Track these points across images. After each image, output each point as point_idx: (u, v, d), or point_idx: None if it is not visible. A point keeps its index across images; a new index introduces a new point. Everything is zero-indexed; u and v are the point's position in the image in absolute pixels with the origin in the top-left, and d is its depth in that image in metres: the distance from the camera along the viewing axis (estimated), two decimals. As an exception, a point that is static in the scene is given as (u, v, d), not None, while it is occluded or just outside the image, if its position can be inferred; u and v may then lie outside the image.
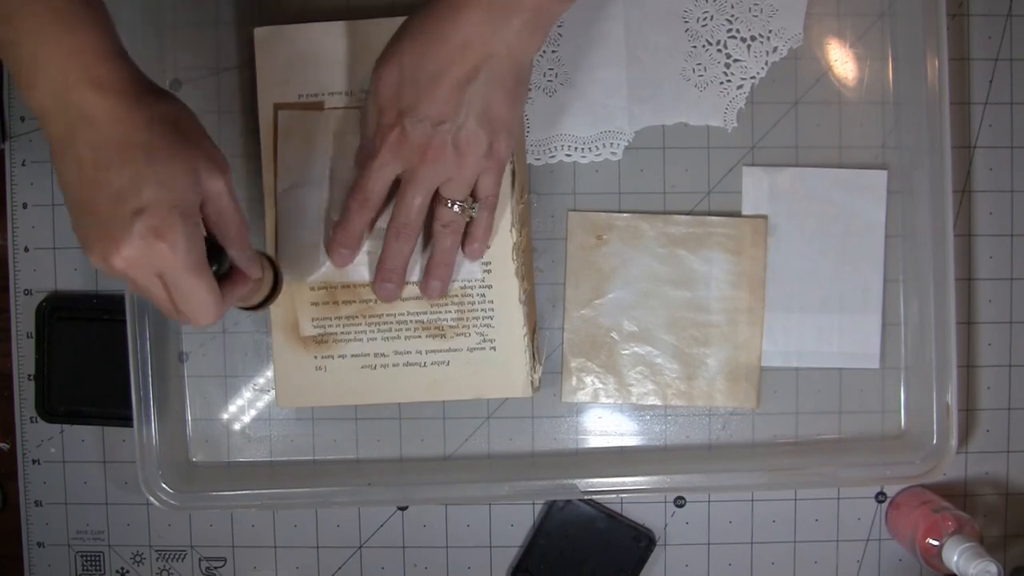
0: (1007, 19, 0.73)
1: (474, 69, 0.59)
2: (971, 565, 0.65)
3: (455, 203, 0.64)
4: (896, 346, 0.74)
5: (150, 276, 0.53)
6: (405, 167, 0.63)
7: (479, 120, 0.60)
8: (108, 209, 0.52)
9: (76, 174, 0.52)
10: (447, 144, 0.61)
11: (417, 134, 0.61)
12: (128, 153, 0.51)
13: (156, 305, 0.56)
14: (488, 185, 0.64)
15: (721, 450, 0.74)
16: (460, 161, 0.62)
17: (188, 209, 0.53)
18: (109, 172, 0.51)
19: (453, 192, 0.64)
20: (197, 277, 0.54)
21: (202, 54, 0.73)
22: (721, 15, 0.72)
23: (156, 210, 0.52)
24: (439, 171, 0.62)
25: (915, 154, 0.71)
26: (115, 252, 0.52)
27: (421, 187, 0.63)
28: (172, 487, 0.71)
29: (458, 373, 0.70)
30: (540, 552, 0.75)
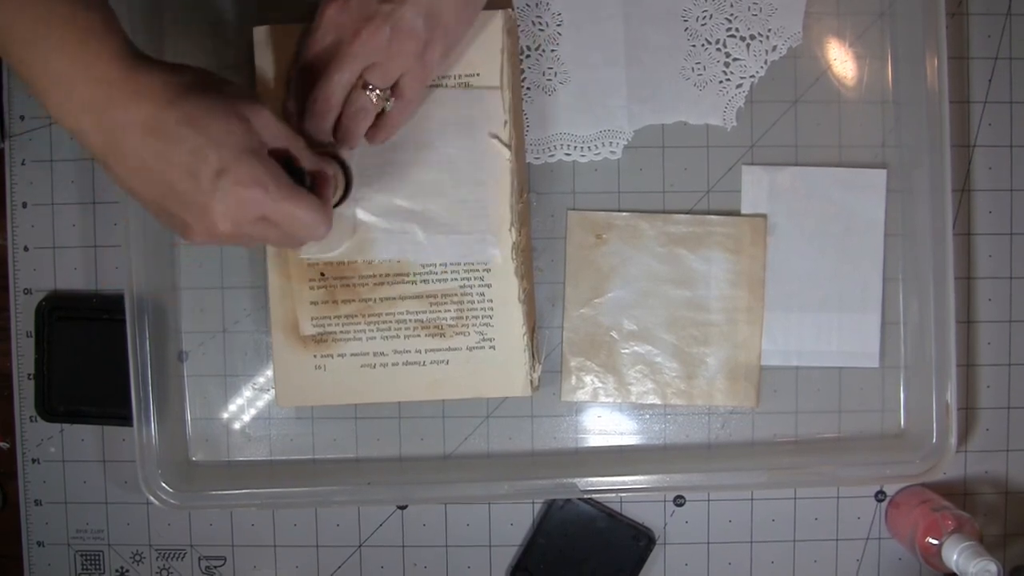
0: (1006, 18, 0.73)
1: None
2: (971, 564, 0.64)
3: (374, 90, 0.63)
4: (896, 345, 0.74)
5: (256, 223, 0.56)
6: (339, 40, 0.61)
7: (423, 14, 0.60)
8: (187, 187, 0.53)
9: (138, 172, 0.53)
10: (384, 26, 0.60)
11: (359, 6, 0.60)
12: (176, 132, 0.53)
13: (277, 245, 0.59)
14: (410, 85, 0.64)
15: (721, 449, 0.74)
16: (390, 48, 0.61)
17: (255, 147, 0.55)
18: (168, 156, 0.53)
19: (375, 79, 0.62)
20: (297, 200, 0.56)
21: (202, 54, 0.73)
22: (720, 14, 0.72)
23: (230, 164, 0.53)
24: (368, 51, 0.61)
25: (914, 153, 0.71)
26: (216, 219, 0.54)
27: (347, 65, 0.61)
28: (172, 486, 0.71)
29: (457, 372, 0.70)
30: (539, 551, 0.75)
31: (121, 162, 0.53)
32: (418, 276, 0.70)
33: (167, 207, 0.55)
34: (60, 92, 0.52)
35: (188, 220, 0.55)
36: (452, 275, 0.69)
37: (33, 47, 0.51)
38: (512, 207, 0.69)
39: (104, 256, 0.75)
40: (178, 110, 0.53)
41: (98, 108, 0.52)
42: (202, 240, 0.56)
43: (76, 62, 0.52)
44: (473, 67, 0.68)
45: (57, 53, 0.52)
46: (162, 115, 0.53)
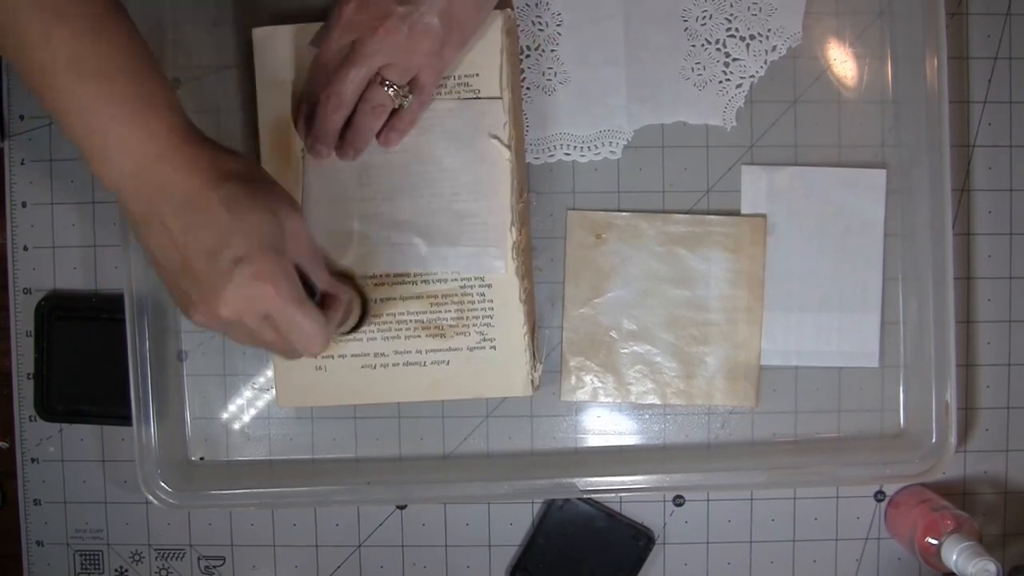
0: (1006, 18, 0.74)
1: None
2: (970, 564, 0.65)
3: (391, 86, 0.64)
4: (895, 345, 0.74)
5: (258, 319, 0.56)
6: (356, 37, 0.62)
7: (440, 13, 0.61)
8: (204, 267, 0.54)
9: (165, 242, 0.54)
10: (402, 25, 0.61)
11: (376, 6, 0.61)
12: (212, 212, 0.53)
13: (267, 347, 0.59)
14: (427, 80, 0.65)
15: (720, 449, 0.74)
16: (409, 46, 0.62)
17: (280, 248, 0.55)
18: (198, 233, 0.53)
19: (392, 75, 0.63)
20: (302, 310, 0.56)
21: (202, 53, 0.73)
22: (720, 14, 0.72)
23: (252, 256, 0.54)
24: (385, 50, 0.62)
25: (914, 153, 0.71)
26: (221, 304, 0.54)
27: (364, 62, 0.62)
28: (171, 486, 0.71)
29: (458, 372, 0.70)
30: (539, 551, 0.75)
31: (151, 229, 0.54)
32: (418, 277, 0.70)
33: (180, 281, 0.55)
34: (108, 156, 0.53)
35: (195, 298, 0.55)
36: (452, 276, 0.69)
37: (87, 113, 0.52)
38: (512, 207, 0.69)
39: (104, 256, 0.75)
40: (220, 192, 0.54)
41: (143, 176, 0.53)
42: (201, 320, 0.55)
43: (129, 132, 0.53)
44: (473, 67, 0.68)
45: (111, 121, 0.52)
46: (204, 192, 0.53)
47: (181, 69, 0.73)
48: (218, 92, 0.73)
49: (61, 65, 0.51)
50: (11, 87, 0.74)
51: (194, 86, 0.73)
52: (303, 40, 0.69)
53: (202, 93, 0.73)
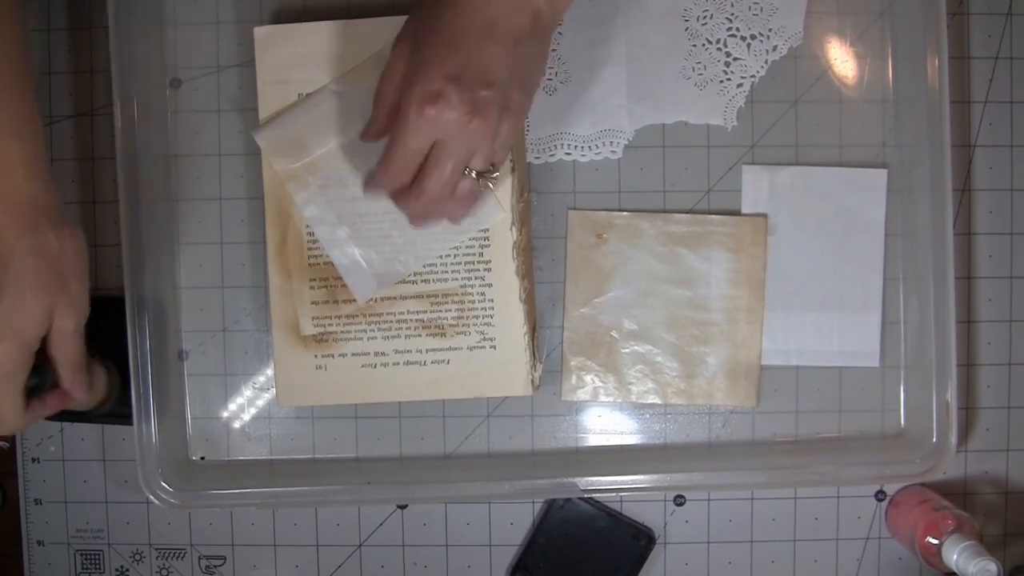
0: (1007, 18, 0.73)
1: (525, 22, 0.53)
2: (971, 564, 0.64)
3: (478, 174, 0.58)
4: (896, 344, 0.74)
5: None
6: (441, 137, 0.56)
7: (522, 85, 0.55)
8: None
9: None
10: (493, 111, 0.54)
11: (463, 100, 0.54)
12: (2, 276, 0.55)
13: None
14: (503, 153, 0.59)
15: (721, 449, 0.74)
16: (497, 126, 0.55)
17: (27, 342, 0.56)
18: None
19: (478, 163, 0.57)
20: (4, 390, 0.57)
21: (202, 53, 0.73)
22: (721, 14, 0.72)
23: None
24: (477, 141, 0.56)
25: (915, 153, 0.71)
26: None
27: (455, 157, 0.56)
28: (172, 485, 0.71)
29: (458, 372, 0.70)
30: (540, 551, 0.75)
31: None
32: (419, 276, 0.70)
33: None
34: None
35: None
36: (453, 274, 0.69)
37: None
38: (513, 207, 0.69)
39: (104, 256, 0.75)
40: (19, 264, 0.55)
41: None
42: None
43: None
44: (474, 66, 0.68)
45: None
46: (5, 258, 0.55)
47: (181, 69, 0.73)
48: (218, 92, 0.73)
49: None
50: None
51: (194, 86, 0.73)
52: (304, 40, 0.69)
53: (202, 93, 0.73)
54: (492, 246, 0.69)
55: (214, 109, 0.73)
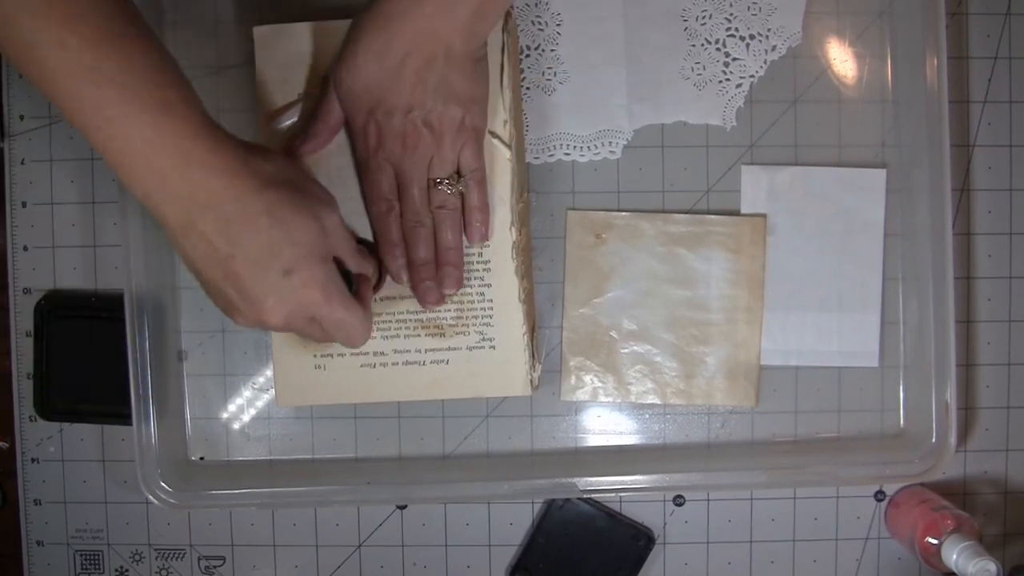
0: (1006, 18, 0.74)
1: (431, 56, 0.59)
2: (970, 564, 0.64)
3: (442, 181, 0.64)
4: (895, 345, 0.74)
5: (306, 322, 0.58)
6: (394, 162, 0.63)
7: (445, 99, 0.61)
8: (251, 276, 0.55)
9: (206, 252, 0.54)
10: (420, 127, 0.61)
11: (391, 127, 0.62)
12: (255, 222, 0.54)
13: (309, 339, 0.61)
14: (469, 157, 0.65)
15: (720, 449, 0.74)
16: (437, 139, 0.62)
17: (324, 253, 0.58)
18: (242, 244, 0.54)
19: (438, 171, 0.64)
20: (348, 309, 0.59)
21: (202, 53, 0.73)
22: (720, 14, 0.72)
23: (300, 265, 0.56)
24: (422, 155, 0.63)
25: (914, 152, 0.71)
26: (269, 313, 0.56)
27: (413, 176, 0.63)
28: (171, 486, 0.71)
29: (457, 372, 0.70)
30: (539, 551, 0.75)
31: (188, 240, 0.54)
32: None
33: (224, 289, 0.56)
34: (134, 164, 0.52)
35: (242, 307, 0.56)
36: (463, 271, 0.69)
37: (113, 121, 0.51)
38: (512, 207, 0.69)
39: (104, 256, 0.75)
40: (261, 200, 0.54)
41: (173, 184, 0.52)
42: (247, 325, 0.58)
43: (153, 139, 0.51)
44: (473, 66, 0.68)
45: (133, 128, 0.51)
46: (245, 201, 0.54)
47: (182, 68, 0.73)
48: (218, 92, 0.73)
49: (77, 72, 0.50)
50: (11, 87, 0.74)
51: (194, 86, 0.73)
52: (304, 39, 0.69)
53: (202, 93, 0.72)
54: (491, 246, 0.69)
55: (214, 109, 0.73)
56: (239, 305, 0.56)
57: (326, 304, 0.57)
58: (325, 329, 0.60)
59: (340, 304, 0.58)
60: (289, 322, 0.57)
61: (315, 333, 0.60)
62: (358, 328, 0.61)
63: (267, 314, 0.56)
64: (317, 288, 0.57)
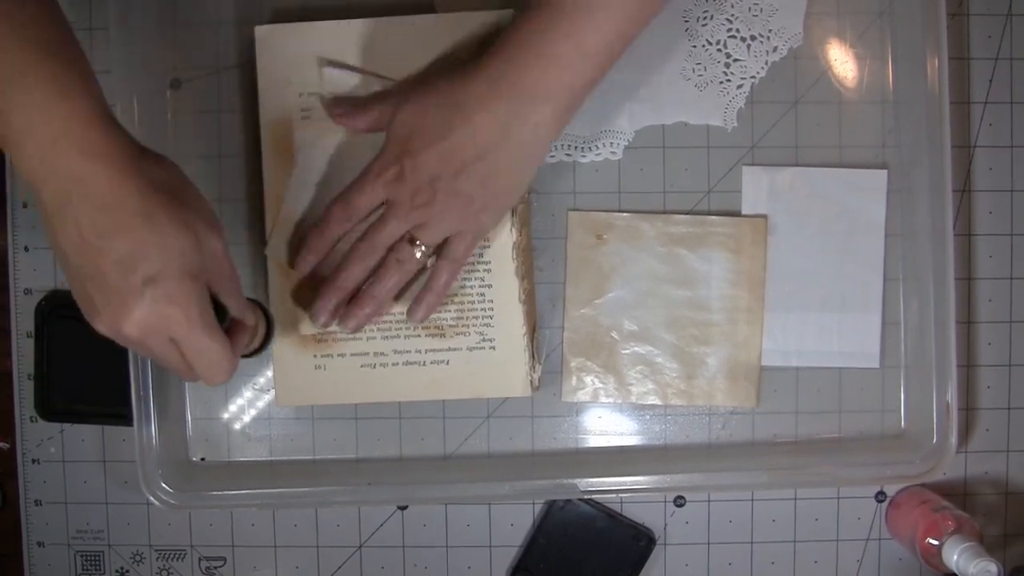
0: (1007, 18, 0.74)
1: (482, 152, 0.60)
2: (971, 564, 0.64)
3: (419, 247, 0.64)
4: (896, 345, 0.74)
5: (163, 342, 0.54)
6: (392, 198, 0.63)
7: (474, 187, 0.61)
8: (114, 277, 0.52)
9: (75, 240, 0.51)
10: (437, 194, 0.61)
11: (412, 177, 0.61)
12: (129, 221, 0.51)
13: (168, 368, 0.57)
14: (458, 248, 0.65)
15: (721, 449, 0.74)
16: (443, 212, 0.62)
17: (195, 272, 0.54)
18: (111, 239, 0.51)
19: (424, 236, 0.64)
20: (210, 337, 0.55)
21: (202, 54, 0.73)
22: (721, 15, 0.72)
23: (167, 276, 0.52)
24: (421, 214, 0.63)
25: (915, 153, 0.71)
26: (127, 320, 0.52)
27: (400, 221, 0.63)
28: (172, 486, 0.71)
29: (458, 372, 0.70)
30: (540, 551, 0.75)
31: (62, 222, 0.51)
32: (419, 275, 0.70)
33: (86, 284, 0.53)
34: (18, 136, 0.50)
35: (99, 307, 0.53)
36: None
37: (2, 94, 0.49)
38: (512, 208, 0.69)
39: (104, 256, 0.75)
40: (141, 201, 0.51)
41: (54, 164, 0.50)
42: (104, 331, 0.54)
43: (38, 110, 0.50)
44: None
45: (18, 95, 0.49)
46: (122, 197, 0.51)
47: (181, 69, 0.73)
48: (218, 92, 0.73)
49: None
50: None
51: (194, 86, 0.73)
52: (305, 39, 0.69)
53: (202, 93, 0.73)
54: (492, 247, 0.69)
55: (214, 110, 0.73)
56: (98, 304, 0.53)
57: (186, 324, 0.53)
58: (184, 354, 0.55)
59: (203, 330, 0.54)
60: (145, 337, 0.53)
61: (172, 357, 0.55)
62: (219, 362, 0.56)
63: (124, 321, 0.52)
64: (179, 306, 0.53)
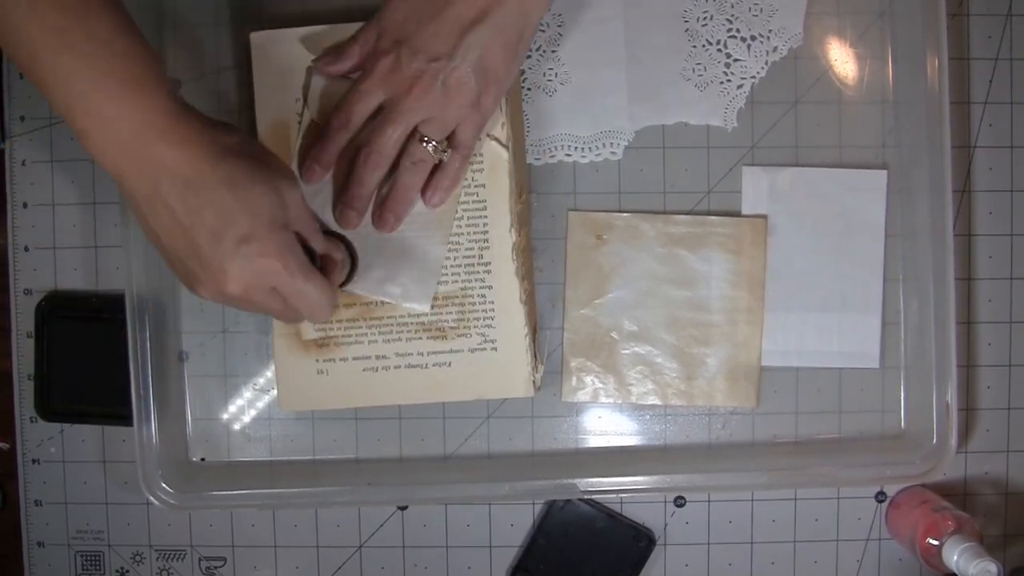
0: (1007, 19, 0.73)
1: (481, 13, 0.60)
2: (971, 565, 0.65)
3: (430, 142, 0.64)
4: (896, 345, 0.74)
5: (265, 293, 0.58)
6: (391, 96, 0.63)
7: (473, 67, 0.61)
8: (209, 246, 0.55)
9: (168, 222, 0.55)
10: (437, 81, 0.61)
11: (410, 65, 0.61)
12: (214, 192, 0.54)
13: (276, 317, 0.61)
14: (466, 134, 0.65)
15: (721, 450, 0.74)
16: (445, 102, 0.62)
17: (283, 222, 0.57)
18: (201, 213, 0.54)
19: (431, 131, 0.64)
20: (309, 280, 0.59)
21: (202, 54, 0.73)
22: (721, 15, 0.72)
23: (257, 233, 0.55)
24: (422, 107, 0.62)
25: (915, 153, 0.71)
26: (229, 281, 0.56)
27: (402, 119, 0.63)
28: (172, 487, 0.71)
29: (459, 374, 0.70)
30: (540, 552, 0.75)
31: (152, 209, 0.55)
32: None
33: (184, 260, 0.56)
34: (103, 134, 0.53)
35: (201, 276, 0.56)
36: (453, 277, 0.69)
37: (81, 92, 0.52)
38: (511, 208, 0.69)
39: (104, 256, 0.75)
40: (220, 170, 0.54)
41: (140, 153, 0.53)
42: (209, 297, 0.57)
43: (120, 109, 0.52)
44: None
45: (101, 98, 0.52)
46: (204, 171, 0.54)
47: (181, 69, 0.73)
48: (218, 92, 0.73)
49: (48, 42, 0.51)
50: (12, 88, 0.74)
51: (194, 86, 0.73)
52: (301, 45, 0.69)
53: (202, 93, 0.73)
54: (492, 248, 0.69)
55: (214, 109, 0.73)
56: (200, 275, 0.56)
57: (285, 272, 0.57)
58: (286, 299, 0.59)
59: (300, 274, 0.58)
60: (248, 292, 0.57)
61: (276, 306, 0.59)
62: (320, 300, 0.60)
63: (226, 283, 0.56)
64: (275, 256, 0.56)
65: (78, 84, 0.52)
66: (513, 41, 0.61)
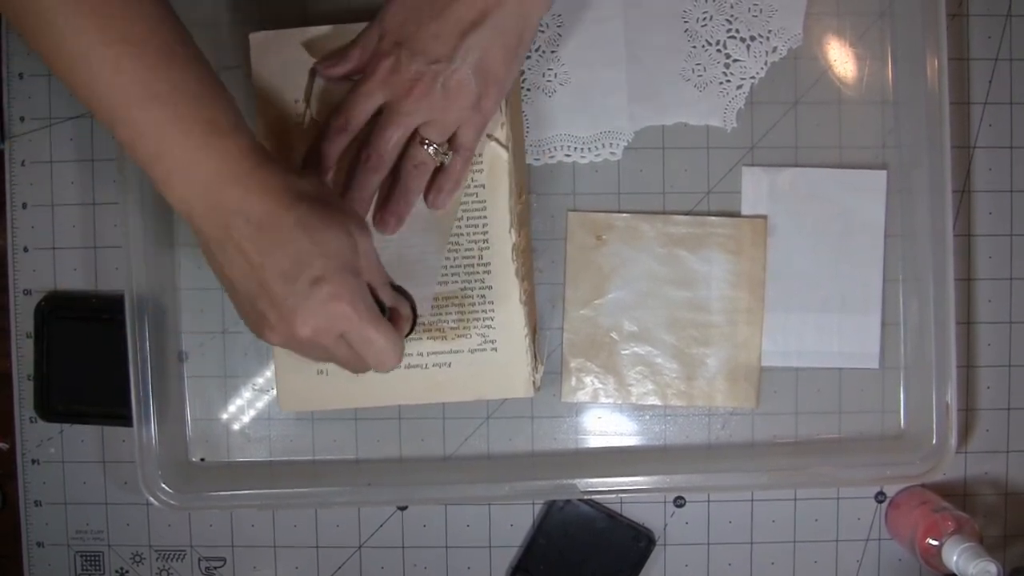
0: (1006, 19, 0.73)
1: (481, 15, 0.60)
2: (971, 565, 0.65)
3: (431, 145, 0.64)
4: (896, 346, 0.74)
5: (335, 339, 0.57)
6: (391, 98, 0.63)
7: (473, 69, 0.61)
8: (281, 288, 0.55)
9: (240, 266, 0.55)
10: (437, 84, 0.61)
11: (409, 67, 0.61)
12: (288, 234, 0.54)
13: (341, 364, 0.60)
14: (467, 136, 0.65)
15: (721, 450, 0.74)
16: (446, 104, 0.62)
17: (355, 268, 0.57)
18: (273, 256, 0.54)
19: (431, 134, 0.64)
20: (377, 328, 0.58)
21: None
22: (720, 15, 0.72)
23: (330, 276, 0.55)
24: (423, 109, 0.62)
25: (915, 154, 0.71)
26: (299, 325, 0.55)
27: (402, 121, 0.63)
28: (172, 487, 0.71)
29: (460, 374, 0.70)
30: (540, 552, 0.75)
31: (225, 252, 0.55)
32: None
33: (256, 303, 0.56)
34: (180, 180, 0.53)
35: (272, 320, 0.56)
36: (453, 277, 0.69)
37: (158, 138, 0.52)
38: (511, 209, 0.69)
39: (104, 256, 0.75)
40: (294, 213, 0.54)
41: (215, 200, 0.54)
42: (278, 341, 0.57)
43: (200, 155, 0.53)
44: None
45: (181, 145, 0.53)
46: (279, 214, 0.54)
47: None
48: (218, 93, 0.73)
49: (133, 93, 0.52)
50: (11, 88, 0.74)
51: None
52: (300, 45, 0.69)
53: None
54: (491, 248, 0.69)
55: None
56: (270, 318, 0.56)
57: (356, 317, 0.56)
58: (353, 346, 0.58)
59: (370, 322, 0.57)
60: (318, 335, 0.56)
61: (343, 353, 0.58)
62: (389, 350, 0.58)
63: (296, 325, 0.55)
64: (346, 301, 0.55)
65: (159, 132, 0.52)
66: (513, 43, 0.61)
